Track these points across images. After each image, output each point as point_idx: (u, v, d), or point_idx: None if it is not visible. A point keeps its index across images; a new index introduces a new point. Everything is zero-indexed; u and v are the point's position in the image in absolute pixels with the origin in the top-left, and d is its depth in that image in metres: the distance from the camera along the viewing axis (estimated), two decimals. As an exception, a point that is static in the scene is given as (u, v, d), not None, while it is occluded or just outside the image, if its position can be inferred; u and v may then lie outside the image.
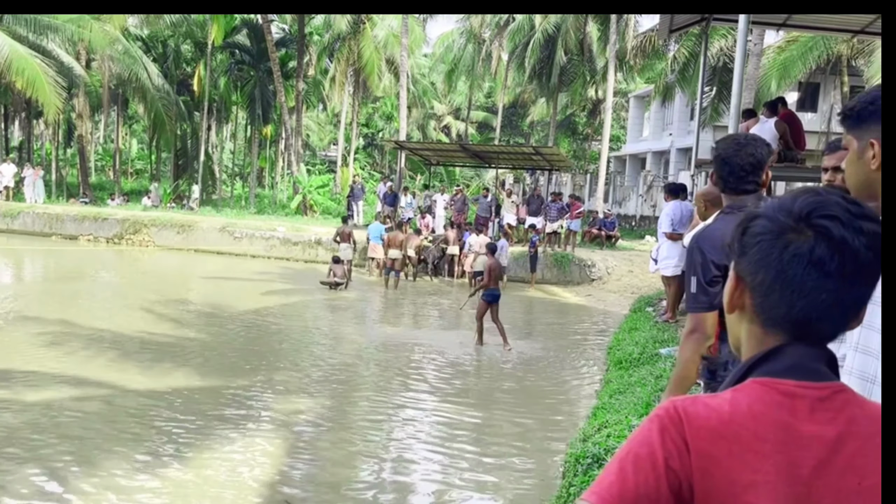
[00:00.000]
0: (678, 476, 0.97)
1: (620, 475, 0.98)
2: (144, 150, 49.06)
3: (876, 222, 1.00)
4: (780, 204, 1.04)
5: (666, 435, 0.98)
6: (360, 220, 24.54)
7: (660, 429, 0.99)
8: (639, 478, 0.97)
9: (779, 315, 1.03)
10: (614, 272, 17.94)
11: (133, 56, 28.70)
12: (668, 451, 0.97)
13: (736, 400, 1.01)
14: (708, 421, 0.99)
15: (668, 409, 1.01)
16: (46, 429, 6.43)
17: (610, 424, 5.45)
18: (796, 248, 1.00)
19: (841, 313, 1.02)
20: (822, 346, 1.04)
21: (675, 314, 9.60)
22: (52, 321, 10.91)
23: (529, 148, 22.90)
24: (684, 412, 1.00)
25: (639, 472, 0.97)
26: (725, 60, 21.46)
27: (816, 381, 1.01)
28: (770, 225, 1.03)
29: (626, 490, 0.97)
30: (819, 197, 1.02)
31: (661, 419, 1.00)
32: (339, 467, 6.03)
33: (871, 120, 1.55)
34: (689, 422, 0.99)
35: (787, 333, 1.03)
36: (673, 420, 0.99)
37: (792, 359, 1.02)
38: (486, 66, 36.32)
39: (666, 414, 1.00)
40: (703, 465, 0.97)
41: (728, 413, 0.99)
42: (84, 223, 23.75)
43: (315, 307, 14.18)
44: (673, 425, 0.99)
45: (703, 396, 1.04)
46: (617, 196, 33.43)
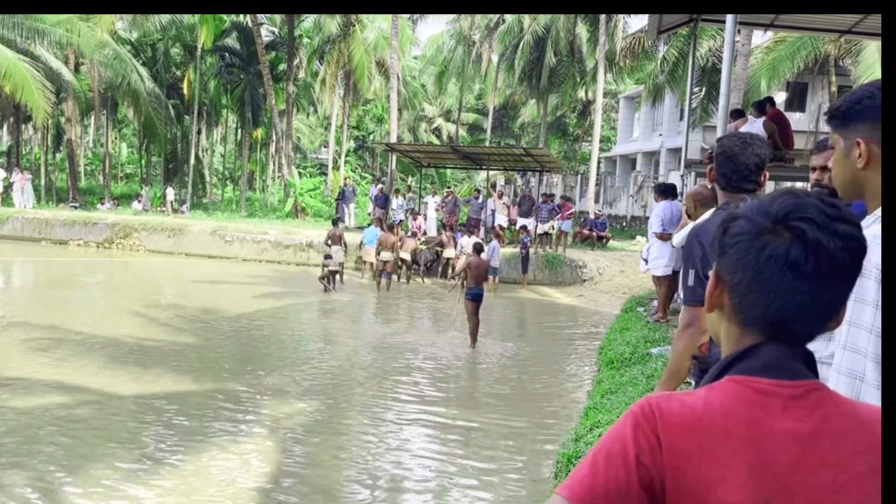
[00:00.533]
0: (649, 471, 0.98)
1: (592, 469, 0.99)
2: (134, 154, 48.89)
3: (853, 224, 1.01)
4: (758, 205, 1.05)
5: (639, 431, 1.00)
6: (352, 222, 24.52)
7: (633, 425, 1.01)
8: (609, 473, 0.98)
9: (755, 315, 1.04)
10: (605, 273, 17.99)
11: (122, 60, 28.61)
12: (640, 447, 0.99)
13: (710, 397, 1.02)
14: (681, 417, 1.00)
15: (643, 405, 1.02)
16: (35, 436, 6.39)
17: (602, 424, 5.47)
18: (773, 250, 1.01)
19: (816, 314, 1.03)
20: (799, 345, 1.06)
21: (666, 314, 9.64)
22: (41, 327, 10.85)
23: (520, 149, 22.94)
24: (658, 408, 1.01)
25: (610, 467, 0.99)
26: (714, 61, 21.56)
27: (791, 380, 1.02)
28: (748, 226, 1.04)
29: (597, 484, 0.98)
30: (796, 199, 1.03)
31: (635, 415, 1.02)
32: (331, 471, 6.02)
33: (857, 119, 1.56)
34: (662, 418, 1.00)
35: (763, 333, 1.05)
36: (647, 416, 1.01)
37: (767, 358, 1.04)
38: (476, 67, 36.37)
39: (640, 410, 1.02)
40: (675, 461, 0.98)
41: (701, 410, 1.00)
42: (74, 228, 23.62)
43: (307, 310, 14.16)
44: (646, 421, 1.00)
45: (679, 394, 1.05)
46: (607, 197, 33.53)
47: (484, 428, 7.26)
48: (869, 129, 1.54)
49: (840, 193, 1.67)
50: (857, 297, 1.42)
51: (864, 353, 1.45)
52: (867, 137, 1.54)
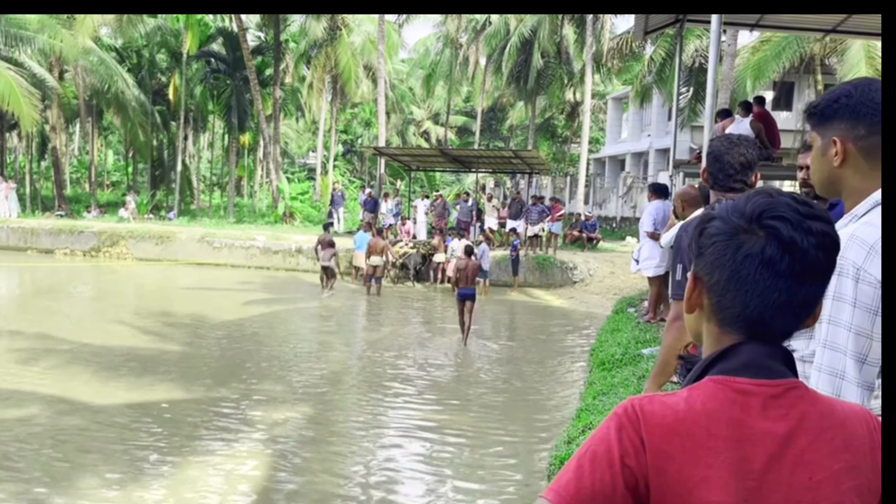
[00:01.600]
0: (634, 473, 0.99)
1: (577, 472, 1.00)
2: (121, 161, 48.60)
3: (826, 222, 1.04)
4: (733, 206, 1.07)
5: (623, 433, 1.01)
6: (342, 227, 24.46)
7: (617, 427, 1.02)
8: (595, 475, 0.99)
9: (733, 314, 1.05)
10: (596, 274, 18.00)
11: (107, 66, 28.45)
12: (625, 449, 1.00)
13: (691, 398, 1.03)
14: (663, 419, 1.01)
15: (627, 407, 1.03)
16: (23, 447, 6.30)
17: (594, 426, 5.45)
18: (748, 249, 1.02)
19: (793, 312, 1.05)
20: (777, 344, 1.07)
21: (657, 314, 9.64)
22: (28, 336, 10.74)
23: (509, 151, 22.99)
24: (641, 410, 1.02)
25: (595, 469, 0.99)
26: (701, 61, 21.64)
27: (770, 379, 1.03)
28: (724, 226, 1.06)
29: (583, 487, 0.99)
30: (770, 198, 1.05)
31: (618, 417, 1.03)
32: (324, 478, 5.97)
33: (834, 118, 1.58)
34: (645, 420, 1.01)
35: (742, 332, 1.06)
36: (630, 418, 1.02)
37: (746, 357, 1.05)
38: (463, 70, 36.39)
39: (624, 412, 1.03)
40: (658, 462, 0.99)
41: (683, 411, 1.01)
42: (60, 237, 23.42)
43: (297, 316, 14.08)
44: (630, 423, 1.01)
45: (661, 395, 1.06)
46: (597, 198, 33.59)
47: (476, 431, 7.23)
48: (845, 127, 1.55)
49: (818, 191, 1.70)
50: (835, 295, 1.44)
51: (843, 350, 1.46)
52: (843, 136, 1.55)
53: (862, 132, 1.52)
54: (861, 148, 1.53)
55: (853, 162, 1.55)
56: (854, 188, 1.55)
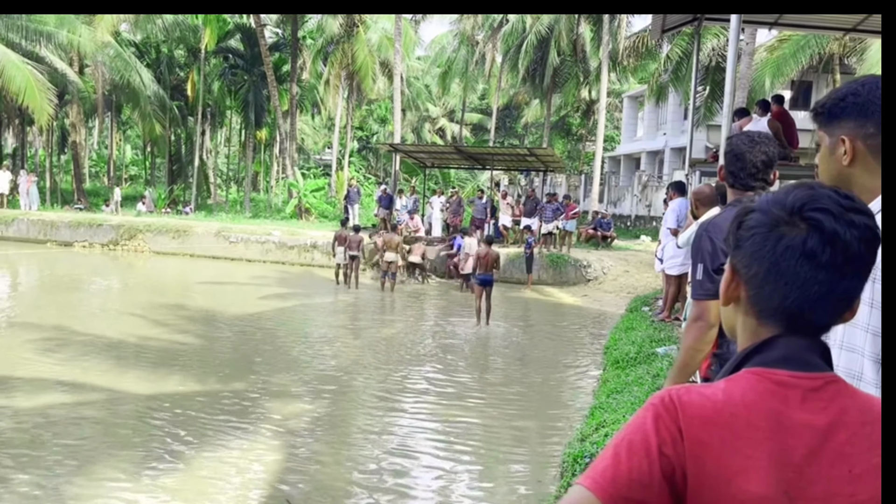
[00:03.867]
0: (671, 462, 0.99)
1: (614, 460, 1.00)
2: (139, 155, 48.99)
3: (867, 215, 1.03)
4: (773, 198, 1.07)
5: (660, 422, 1.01)
6: (357, 223, 24.51)
7: (654, 416, 1.02)
8: (632, 463, 0.99)
9: (772, 306, 1.05)
10: (610, 272, 17.96)
11: (126, 61, 28.68)
12: (662, 438, 1.00)
13: (729, 389, 1.03)
14: (702, 409, 1.01)
15: (663, 397, 1.03)
16: (42, 436, 6.41)
17: (607, 424, 5.46)
18: (789, 241, 1.02)
19: (833, 304, 1.04)
20: (816, 337, 1.07)
21: (672, 313, 9.63)
22: (48, 327, 10.88)
23: (524, 149, 22.94)
24: (678, 400, 1.02)
25: (632, 457, 1.00)
26: (718, 60, 21.50)
27: (809, 372, 1.03)
28: (764, 218, 1.05)
29: (620, 475, 0.99)
30: (812, 191, 1.04)
31: (655, 407, 1.03)
32: (336, 470, 6.02)
33: (841, 116, 1.57)
34: (683, 410, 1.01)
35: (780, 325, 1.06)
36: (667, 408, 1.02)
37: (785, 349, 1.05)
38: (479, 68, 36.35)
39: (661, 402, 1.03)
40: (696, 451, 0.99)
41: (721, 402, 1.02)
42: (79, 230, 23.67)
43: (311, 311, 14.17)
44: (667, 413, 1.01)
45: (698, 386, 1.06)
46: (612, 196, 33.48)
47: (489, 427, 7.26)
48: (854, 125, 1.54)
49: None
50: None
51: (860, 352, 1.45)
52: (852, 134, 1.54)
53: (870, 130, 1.51)
54: (870, 146, 1.52)
55: (862, 160, 1.54)
56: (864, 186, 1.53)
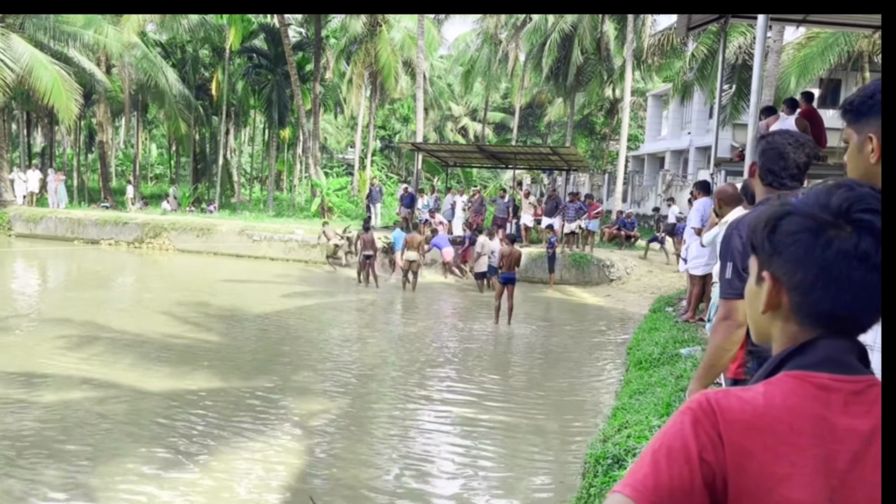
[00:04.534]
0: (712, 469, 0.97)
1: (654, 467, 0.98)
2: (164, 154, 49.54)
3: None
4: (813, 200, 1.03)
5: (699, 427, 0.98)
6: (379, 222, 24.60)
7: (692, 421, 0.99)
8: (672, 470, 0.97)
9: (821, 311, 1.02)
10: (633, 272, 17.82)
11: (152, 61, 29.00)
12: (702, 444, 0.97)
13: (770, 393, 1.00)
14: (742, 414, 0.98)
15: (701, 401, 1.01)
16: (67, 430, 6.49)
17: (630, 425, 5.41)
18: (840, 245, 0.99)
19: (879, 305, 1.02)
20: (854, 339, 1.04)
21: (696, 314, 9.52)
22: (74, 324, 11.03)
23: (547, 148, 22.82)
24: (717, 405, 0.99)
25: (672, 464, 0.97)
26: (744, 58, 21.24)
27: (850, 375, 1.01)
28: (808, 222, 1.02)
29: (661, 482, 0.96)
30: (853, 191, 1.01)
31: (693, 412, 1.00)
32: (358, 468, 6.03)
33: (869, 114, 1.55)
34: (722, 414, 0.99)
35: (827, 329, 1.03)
36: (706, 412, 0.99)
37: (825, 352, 1.02)
38: (502, 66, 36.25)
39: (698, 407, 1.00)
40: (738, 458, 0.97)
41: (762, 406, 0.99)
42: (105, 227, 23.99)
43: (333, 309, 14.22)
44: (706, 418, 0.99)
45: (736, 389, 1.03)
46: (635, 196, 33.23)
47: (510, 427, 7.23)
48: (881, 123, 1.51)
49: None
50: None
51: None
52: (880, 132, 1.51)
53: None
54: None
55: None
56: None
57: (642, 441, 4.77)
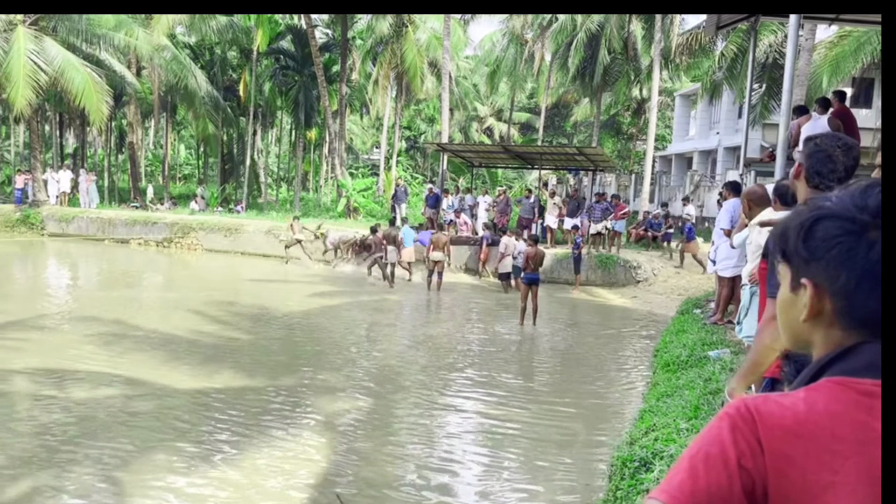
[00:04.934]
0: (751, 476, 0.94)
1: (691, 473, 0.95)
2: (192, 155, 50.11)
3: None
4: (849, 202, 1.00)
5: (738, 433, 0.96)
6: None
7: (731, 427, 0.97)
8: (710, 477, 0.94)
9: (865, 314, 0.99)
10: (660, 274, 17.65)
11: (181, 63, 29.33)
12: (741, 450, 0.95)
13: (811, 399, 0.97)
14: (782, 420, 0.96)
15: (739, 407, 0.98)
16: (97, 426, 6.58)
17: (658, 428, 5.34)
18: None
19: None
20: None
21: (724, 316, 9.40)
22: (104, 322, 11.20)
23: (573, 148, 22.70)
24: (756, 410, 0.97)
25: (710, 470, 0.95)
26: (775, 57, 20.95)
27: None
28: (847, 225, 0.99)
29: (698, 489, 0.94)
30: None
31: (731, 417, 0.97)
32: (382, 466, 6.04)
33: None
34: (762, 420, 0.96)
35: (872, 332, 1.00)
36: (744, 418, 0.97)
37: (869, 357, 0.99)
38: (528, 66, 36.13)
39: (737, 412, 0.98)
40: (778, 464, 0.94)
41: (804, 412, 0.96)
42: (135, 227, 24.33)
43: (358, 309, 14.27)
44: (745, 423, 0.96)
45: (775, 395, 1.00)
46: (662, 196, 32.92)
47: (534, 429, 7.19)
48: None
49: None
50: None
51: None
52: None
53: None
54: None
55: None
56: None
57: (670, 444, 4.71)
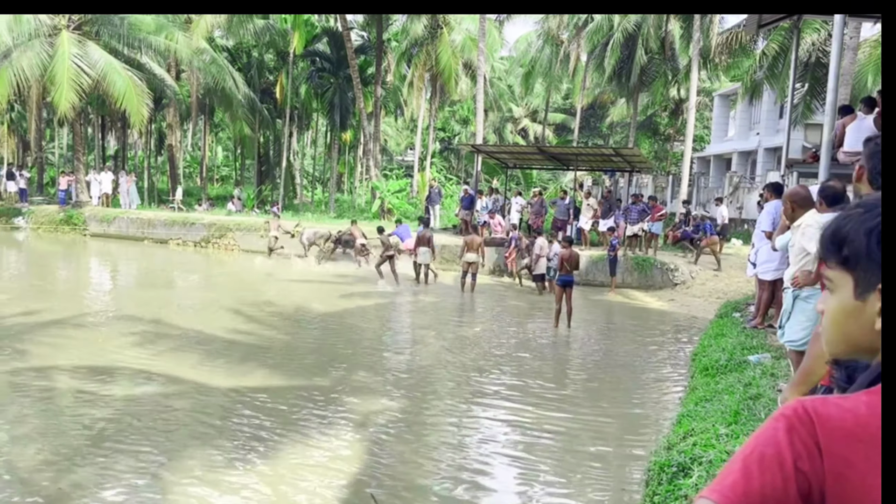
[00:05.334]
0: (808, 479, 0.92)
1: (744, 473, 0.93)
2: (229, 157, 50.82)
3: None
4: None
5: (794, 435, 0.93)
6: (437, 223, 24.67)
7: (787, 428, 0.94)
8: (765, 478, 0.92)
9: None
10: (698, 276, 17.37)
11: (220, 66, 29.76)
12: (797, 452, 0.92)
13: (872, 403, 0.94)
14: (842, 422, 0.93)
15: (797, 408, 0.95)
16: (136, 424, 6.68)
17: (696, 433, 5.25)
18: None
19: None
20: None
21: (765, 320, 9.21)
22: (143, 321, 11.38)
23: (609, 149, 22.50)
24: (815, 412, 0.94)
25: (765, 471, 0.93)
26: (818, 55, 20.51)
27: None
28: None
29: (751, 490, 0.92)
30: None
31: (788, 419, 0.95)
32: (415, 468, 6.02)
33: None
34: (820, 423, 0.93)
35: None
36: (802, 420, 0.94)
37: None
38: (563, 67, 35.92)
39: (794, 413, 0.95)
40: (837, 468, 0.92)
41: (864, 415, 0.93)
42: (173, 228, 24.74)
43: (392, 309, 14.30)
44: (802, 425, 0.94)
45: (834, 397, 0.98)
46: (700, 198, 32.44)
47: (570, 430, 7.11)
48: None
49: None
50: None
51: None
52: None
53: None
54: None
55: None
56: None
57: (709, 449, 4.62)
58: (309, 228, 21.43)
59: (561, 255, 12.49)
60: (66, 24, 25.20)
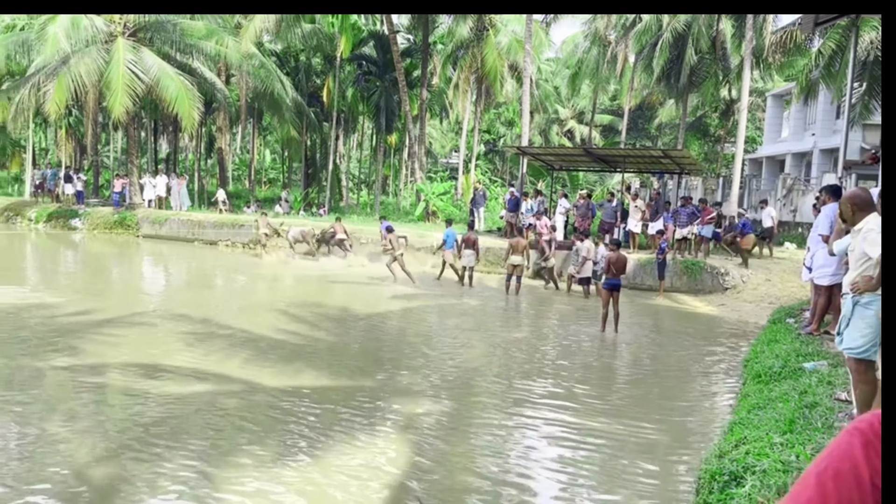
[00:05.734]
0: None
1: (820, 490, 0.89)
2: (277, 159, 51.59)
3: None
4: None
5: (871, 450, 0.89)
6: (482, 226, 24.62)
7: (863, 443, 0.90)
8: (841, 495, 0.88)
9: None
10: (750, 281, 16.95)
11: (269, 70, 30.24)
12: (875, 468, 0.88)
13: None
14: None
15: (872, 422, 0.91)
16: (187, 421, 6.79)
17: (749, 441, 5.10)
18: None
19: None
20: None
21: (821, 326, 8.92)
22: (193, 320, 11.60)
23: (658, 151, 22.14)
24: None
25: (841, 488, 0.88)
26: (876, 54, 19.82)
27: None
28: None
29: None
30: None
31: (863, 433, 0.91)
32: (460, 473, 5.99)
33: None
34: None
35: None
36: (878, 434, 0.90)
37: None
38: (611, 68, 35.51)
39: (869, 428, 0.91)
40: None
41: None
42: (223, 229, 25.21)
43: (437, 312, 14.29)
44: (878, 440, 0.90)
45: None
46: (752, 201, 31.68)
47: (615, 436, 6.99)
48: None
49: None
50: None
51: None
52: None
53: None
54: None
55: None
56: None
57: (763, 459, 4.48)
58: (294, 227, 22.61)
59: (608, 258, 12.35)
60: (122, 31, 25.91)
